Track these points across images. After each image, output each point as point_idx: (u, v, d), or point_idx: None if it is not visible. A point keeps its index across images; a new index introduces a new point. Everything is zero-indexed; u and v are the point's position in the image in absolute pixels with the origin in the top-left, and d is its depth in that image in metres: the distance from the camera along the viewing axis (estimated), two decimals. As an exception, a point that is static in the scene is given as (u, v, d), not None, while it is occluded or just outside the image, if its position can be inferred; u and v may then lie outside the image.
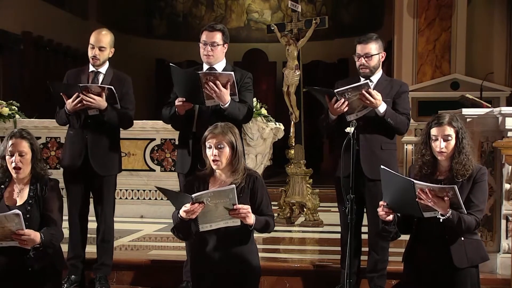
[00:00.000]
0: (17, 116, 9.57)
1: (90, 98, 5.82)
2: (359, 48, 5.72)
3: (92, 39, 6.12)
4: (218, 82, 5.43)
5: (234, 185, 4.30)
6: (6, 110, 9.44)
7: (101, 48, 6.10)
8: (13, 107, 9.60)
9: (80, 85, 5.88)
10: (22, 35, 15.36)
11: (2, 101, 9.57)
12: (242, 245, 4.55)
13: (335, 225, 6.88)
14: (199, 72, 5.53)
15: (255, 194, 4.56)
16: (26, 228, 4.50)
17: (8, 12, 14.54)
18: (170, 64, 5.56)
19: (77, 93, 5.83)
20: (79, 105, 5.86)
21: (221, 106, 5.50)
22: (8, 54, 14.98)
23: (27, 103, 11.52)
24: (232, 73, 5.49)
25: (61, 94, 5.92)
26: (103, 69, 6.19)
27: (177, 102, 5.60)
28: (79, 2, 18.25)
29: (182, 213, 4.35)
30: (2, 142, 4.93)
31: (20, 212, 4.45)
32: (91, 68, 6.18)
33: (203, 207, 4.29)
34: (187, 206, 4.29)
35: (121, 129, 6.27)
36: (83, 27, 16.78)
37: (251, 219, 4.40)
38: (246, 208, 4.36)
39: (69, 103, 5.88)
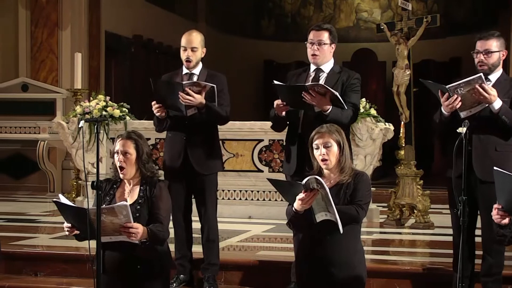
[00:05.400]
0: (127, 117, 9.73)
1: (190, 97, 5.85)
2: (479, 44, 5.55)
3: (183, 41, 6.18)
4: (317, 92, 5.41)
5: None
6: (117, 112, 9.62)
7: (193, 49, 6.14)
8: (124, 109, 9.78)
9: (184, 82, 5.92)
10: (133, 38, 15.67)
11: (114, 103, 9.77)
12: (348, 246, 4.53)
13: (446, 228, 6.72)
14: (306, 84, 5.51)
15: (357, 185, 4.54)
16: (133, 226, 4.59)
17: (120, 17, 14.86)
18: (274, 81, 5.58)
19: (156, 105, 5.95)
20: (159, 113, 5.97)
21: (323, 113, 5.46)
22: (120, 57, 15.32)
23: (137, 105, 11.72)
24: (337, 94, 5.43)
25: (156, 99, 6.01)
26: (197, 70, 6.22)
27: (275, 105, 5.63)
28: (188, 5, 18.46)
29: (296, 204, 4.36)
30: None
31: (127, 204, 4.54)
32: (185, 71, 6.22)
33: (317, 194, 4.25)
34: (301, 195, 4.28)
35: (227, 130, 6.29)
36: (192, 29, 16.95)
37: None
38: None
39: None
